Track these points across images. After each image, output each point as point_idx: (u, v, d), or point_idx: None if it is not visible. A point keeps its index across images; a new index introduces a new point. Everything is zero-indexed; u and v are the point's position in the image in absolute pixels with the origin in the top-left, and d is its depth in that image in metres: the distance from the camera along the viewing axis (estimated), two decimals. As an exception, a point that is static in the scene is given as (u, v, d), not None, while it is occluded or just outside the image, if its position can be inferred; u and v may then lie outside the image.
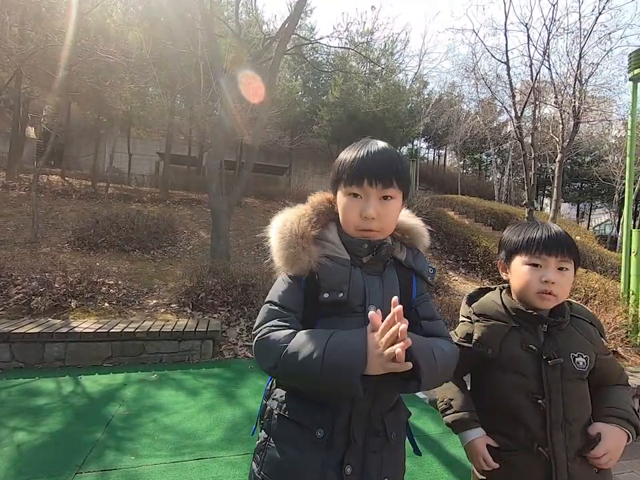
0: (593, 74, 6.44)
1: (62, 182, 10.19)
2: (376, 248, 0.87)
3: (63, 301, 4.05)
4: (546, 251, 0.97)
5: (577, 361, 0.96)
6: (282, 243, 0.86)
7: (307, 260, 0.83)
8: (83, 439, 2.20)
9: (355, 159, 0.85)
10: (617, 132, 16.11)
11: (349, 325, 0.82)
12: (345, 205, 0.87)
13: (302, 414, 0.83)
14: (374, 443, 0.83)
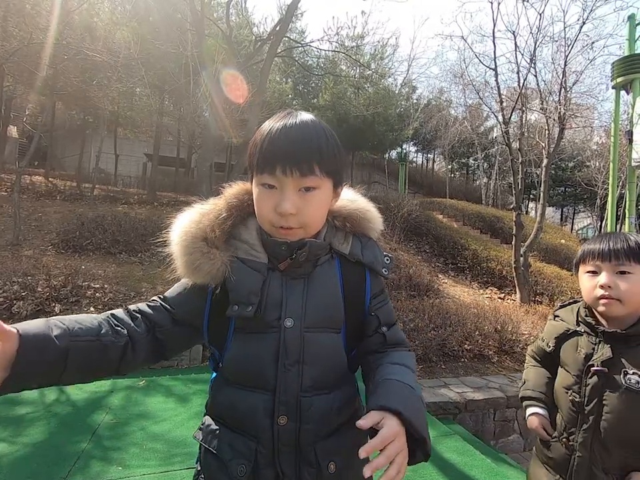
0: (576, 82, 6.61)
1: (46, 183, 9.92)
2: (295, 250, 0.70)
3: (46, 305, 3.92)
4: (600, 257, 1.01)
5: (629, 377, 0.95)
6: (180, 247, 0.73)
7: (209, 266, 0.70)
8: (67, 449, 2.12)
9: (265, 138, 0.67)
10: (598, 138, 16.60)
11: (262, 342, 0.71)
12: (257, 198, 0.71)
13: (225, 447, 0.71)
14: (306, 475, 0.70)
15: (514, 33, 6.31)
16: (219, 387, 0.77)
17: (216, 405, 0.76)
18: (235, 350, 0.73)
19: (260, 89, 6.70)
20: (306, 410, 0.70)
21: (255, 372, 0.71)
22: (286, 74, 14.06)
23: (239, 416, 0.72)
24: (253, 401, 0.71)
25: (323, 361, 0.73)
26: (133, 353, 0.71)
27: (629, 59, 5.03)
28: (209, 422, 0.77)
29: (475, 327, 4.29)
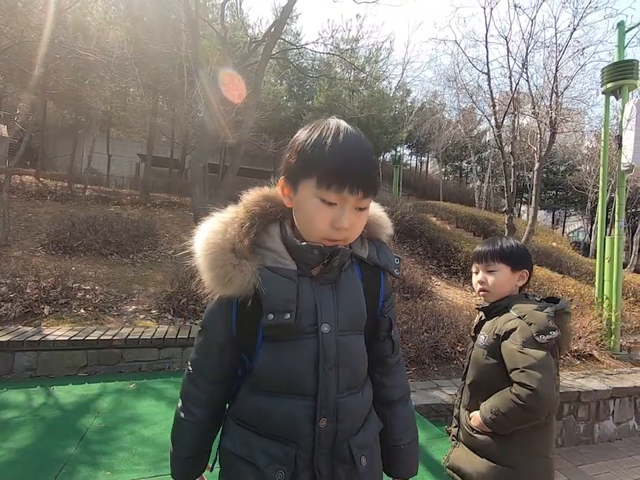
0: (567, 87, 6.71)
1: (36, 183, 9.78)
2: (328, 255, 0.72)
3: (35, 307, 3.86)
4: (477, 259, 1.41)
5: (479, 337, 1.42)
6: (208, 260, 0.71)
7: (241, 278, 0.69)
8: (54, 454, 2.08)
9: (335, 155, 0.66)
10: (589, 143, 16.84)
11: (299, 349, 0.72)
12: (313, 210, 0.69)
13: (259, 454, 0.72)
14: (340, 473, 0.74)
15: (506, 38, 6.40)
16: (248, 394, 0.77)
17: (246, 412, 0.77)
18: (267, 358, 0.73)
19: (254, 91, 6.69)
20: (342, 411, 0.74)
21: (293, 379, 0.72)
22: (281, 76, 14.07)
23: (274, 423, 0.72)
24: (291, 408, 0.72)
25: (354, 362, 0.77)
26: None
27: (618, 65, 5.12)
28: (235, 428, 0.78)
29: (468, 329, 4.30)
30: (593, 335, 4.91)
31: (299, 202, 0.71)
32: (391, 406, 0.86)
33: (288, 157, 0.73)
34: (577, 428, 3.64)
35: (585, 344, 4.74)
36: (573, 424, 3.62)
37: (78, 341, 3.29)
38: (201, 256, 0.73)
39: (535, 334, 1.18)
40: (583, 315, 5.37)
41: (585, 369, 4.37)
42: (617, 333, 5.08)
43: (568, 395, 3.58)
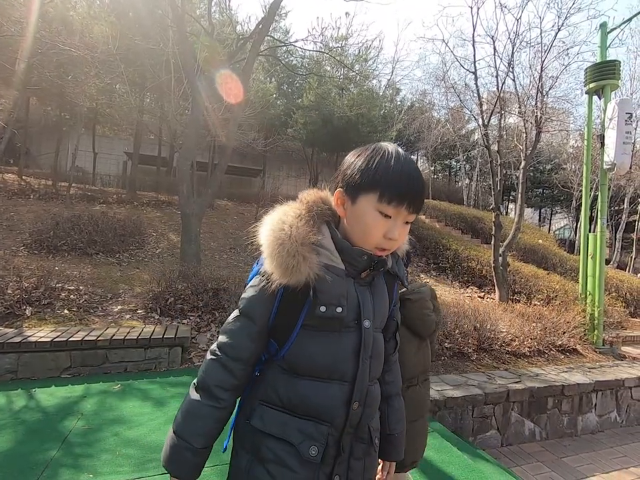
0: (552, 87, 6.81)
1: (19, 181, 9.55)
2: (375, 262, 0.82)
3: (16, 308, 3.77)
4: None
5: None
6: (281, 250, 0.77)
7: (307, 271, 0.76)
8: (35, 458, 2.03)
9: (400, 175, 0.76)
10: (574, 142, 17.16)
11: (343, 340, 0.81)
12: (371, 221, 0.78)
13: (294, 432, 0.79)
14: (358, 450, 0.85)
15: (493, 37, 6.46)
16: (280, 379, 0.82)
17: (279, 395, 0.81)
18: (303, 345, 0.80)
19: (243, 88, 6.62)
20: (370, 396, 0.85)
21: (336, 366, 0.80)
22: (270, 73, 13.97)
23: (311, 405, 0.79)
24: (331, 391, 0.80)
25: (379, 355, 0.88)
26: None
27: (600, 66, 5.22)
28: (263, 410, 0.82)
29: (455, 326, 4.35)
30: (577, 330, 5.01)
31: (357, 213, 0.79)
32: (389, 399, 0.98)
33: (348, 171, 0.81)
34: (560, 421, 3.72)
35: (569, 339, 4.85)
36: (557, 417, 3.70)
37: (61, 342, 3.22)
38: (274, 247, 0.78)
39: None
40: (567, 310, 5.48)
41: (569, 363, 4.47)
42: (599, 328, 5.20)
43: (552, 388, 3.65)
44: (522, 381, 3.70)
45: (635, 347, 5.51)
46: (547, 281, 7.29)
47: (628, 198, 15.42)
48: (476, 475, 2.17)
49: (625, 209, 15.51)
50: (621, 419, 4.05)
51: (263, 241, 0.81)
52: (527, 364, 4.27)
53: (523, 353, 4.43)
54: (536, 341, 4.58)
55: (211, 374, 0.83)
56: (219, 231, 7.99)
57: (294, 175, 16.52)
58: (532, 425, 3.58)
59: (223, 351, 0.83)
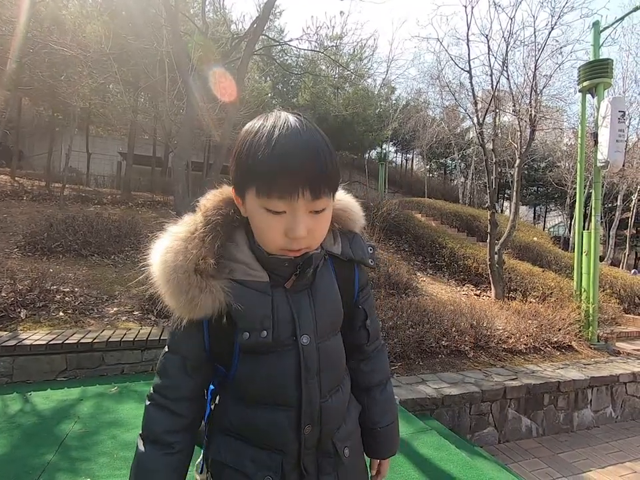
0: (546, 85, 6.85)
1: (12, 182, 9.46)
2: (300, 265, 0.68)
3: (10, 311, 3.73)
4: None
5: None
6: (171, 287, 0.66)
7: (209, 303, 0.65)
8: (31, 462, 2.01)
9: (270, 156, 0.58)
10: (567, 140, 17.31)
11: (279, 361, 0.70)
12: (260, 222, 0.64)
13: (247, 462, 0.71)
14: (326, 466, 0.75)
15: (487, 36, 6.49)
16: (229, 404, 0.74)
17: (232, 422, 0.73)
18: (246, 370, 0.71)
19: (237, 87, 6.60)
20: (326, 414, 0.73)
21: (275, 390, 0.71)
22: (265, 73, 13.95)
23: (260, 433, 0.71)
24: (276, 418, 0.71)
25: (334, 363, 0.77)
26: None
27: (593, 64, 5.26)
28: (221, 438, 0.74)
29: (452, 324, 4.38)
30: (572, 326, 5.05)
31: (249, 214, 0.66)
32: (370, 391, 0.87)
33: (230, 163, 0.67)
34: (556, 417, 3.75)
35: (565, 335, 4.88)
36: (553, 413, 3.73)
37: (56, 345, 3.19)
38: (163, 282, 0.67)
39: None
40: (562, 307, 5.52)
41: (565, 360, 4.51)
42: (594, 324, 5.25)
43: (548, 385, 3.68)
44: (518, 377, 3.73)
45: (629, 343, 5.57)
46: (542, 278, 7.34)
47: (621, 195, 15.58)
48: (474, 472, 2.18)
49: (618, 206, 15.68)
50: (616, 414, 4.09)
51: (154, 276, 0.68)
52: (523, 361, 4.30)
53: (519, 350, 4.46)
54: (532, 338, 4.61)
55: (156, 421, 0.72)
56: (215, 231, 7.96)
57: (290, 174, 16.46)
58: (528, 422, 3.61)
59: (161, 394, 0.73)
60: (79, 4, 7.98)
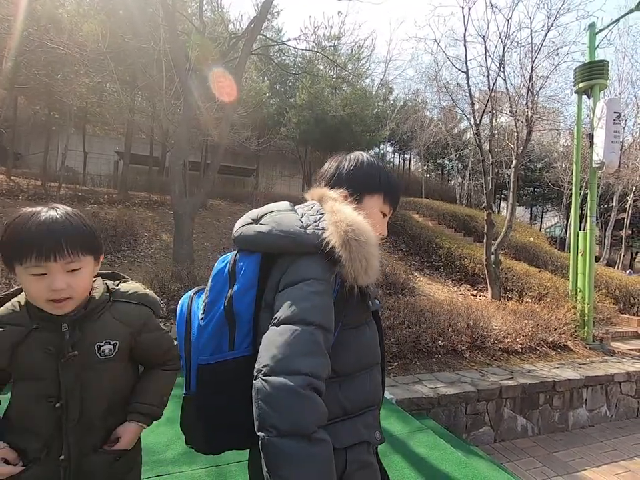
0: (543, 86, 6.88)
1: (7, 181, 9.40)
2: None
3: (6, 310, 3.70)
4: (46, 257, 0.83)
5: (103, 349, 0.92)
6: (361, 251, 0.74)
7: (376, 273, 0.82)
8: (26, 462, 2.00)
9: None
10: (564, 141, 17.38)
11: (373, 327, 0.89)
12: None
13: (362, 430, 0.82)
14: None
15: (484, 37, 6.50)
16: (334, 387, 0.81)
17: (341, 403, 0.81)
18: (352, 344, 0.83)
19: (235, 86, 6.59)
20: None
21: (373, 353, 0.89)
22: (262, 72, 13.93)
23: (371, 395, 0.86)
24: (377, 376, 0.90)
25: None
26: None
27: (589, 66, 5.30)
28: (334, 429, 0.76)
29: (449, 324, 4.39)
30: (568, 326, 5.08)
31: (366, 211, 0.83)
32: None
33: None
34: (552, 416, 3.77)
35: (560, 335, 4.91)
36: (548, 412, 3.75)
37: (52, 345, 3.17)
38: (359, 244, 0.74)
39: None
40: (558, 307, 5.55)
41: (560, 359, 4.53)
42: (589, 324, 5.28)
43: (543, 384, 3.70)
44: (514, 377, 3.75)
45: (624, 343, 5.61)
46: (538, 278, 7.38)
47: (617, 196, 15.67)
48: (469, 472, 2.19)
49: (613, 207, 15.77)
50: (610, 413, 4.12)
51: (339, 241, 0.73)
52: (519, 360, 4.32)
53: (515, 350, 4.48)
54: (528, 338, 4.63)
55: (309, 412, 0.64)
56: (212, 231, 7.95)
57: (287, 174, 16.49)
58: (524, 421, 3.63)
59: (316, 375, 0.66)
60: (76, 2, 7.95)
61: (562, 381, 3.78)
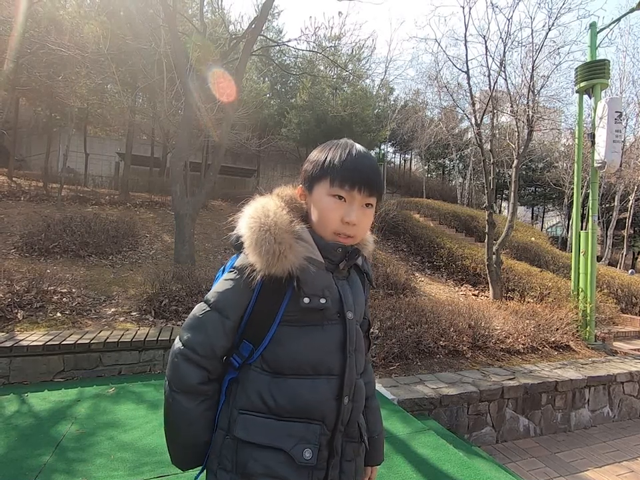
0: (544, 86, 6.87)
1: (9, 183, 9.42)
2: (349, 253, 0.82)
3: (7, 312, 3.71)
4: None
5: None
6: (268, 236, 0.75)
7: (293, 259, 0.75)
8: (27, 463, 2.00)
9: (346, 160, 0.78)
10: (565, 140, 17.35)
11: (327, 333, 0.79)
12: (326, 206, 0.79)
13: (284, 438, 0.74)
14: (349, 451, 0.82)
15: (485, 37, 6.50)
16: (262, 381, 0.77)
17: (264, 399, 0.76)
18: (288, 343, 0.77)
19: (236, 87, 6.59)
20: (358, 391, 0.83)
21: (321, 360, 0.78)
22: (263, 73, 13.95)
23: (302, 404, 0.76)
24: (319, 387, 0.77)
25: (362, 349, 0.88)
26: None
27: (590, 65, 5.28)
28: (245, 419, 0.76)
29: (450, 324, 4.38)
30: (570, 326, 5.07)
31: (314, 201, 0.81)
32: (367, 401, 0.93)
33: (306, 167, 0.85)
34: (554, 417, 3.76)
35: (562, 335, 4.90)
36: (550, 413, 3.74)
37: (53, 346, 3.18)
38: (257, 230, 0.77)
39: None
40: (560, 307, 5.54)
41: (562, 360, 4.52)
42: (591, 324, 5.26)
43: (546, 385, 3.69)
44: (516, 377, 3.74)
45: (626, 343, 5.58)
46: (539, 278, 7.36)
47: (618, 195, 15.63)
48: (471, 472, 2.18)
49: (615, 207, 15.72)
50: (613, 413, 4.10)
51: (244, 230, 0.79)
52: (520, 361, 4.31)
53: (516, 350, 4.47)
54: (529, 338, 4.62)
55: (189, 375, 0.77)
56: (213, 231, 7.95)
57: (288, 174, 16.49)
58: (526, 421, 3.62)
59: (194, 350, 0.77)
60: (77, 4, 7.95)
61: (564, 381, 3.77)
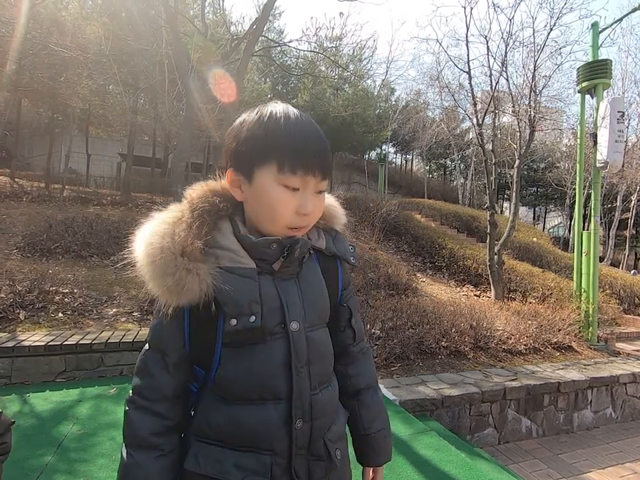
0: (546, 86, 6.86)
1: (11, 183, 9.45)
2: (287, 247, 0.69)
3: (9, 312, 3.72)
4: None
5: None
6: (154, 269, 0.65)
7: (197, 286, 0.63)
8: (29, 464, 2.01)
9: (291, 134, 0.64)
10: (567, 140, 17.32)
11: (268, 351, 0.68)
12: (276, 198, 0.65)
13: (231, 469, 0.66)
14: (317, 470, 0.72)
15: (486, 37, 6.49)
16: (210, 407, 0.70)
17: (212, 426, 0.69)
18: (230, 365, 0.68)
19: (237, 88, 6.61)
20: (316, 408, 0.71)
21: (264, 383, 0.68)
22: (264, 74, 13.97)
23: (247, 434, 0.67)
24: (265, 413, 0.68)
25: (323, 355, 0.76)
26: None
27: (592, 65, 5.27)
28: (198, 447, 0.70)
29: (452, 324, 4.37)
30: (572, 327, 5.05)
31: (258, 192, 0.67)
32: (358, 395, 0.85)
33: (234, 145, 0.68)
34: (557, 418, 3.74)
35: (564, 336, 4.88)
36: (553, 414, 3.72)
37: (55, 346, 3.18)
38: (147, 263, 0.65)
39: None
40: (562, 308, 5.52)
41: (564, 360, 4.50)
42: (594, 325, 5.24)
43: (548, 385, 3.67)
44: (518, 378, 3.72)
45: (629, 343, 5.56)
46: (541, 278, 7.34)
47: (620, 196, 15.59)
48: (474, 473, 2.17)
49: (617, 207, 15.68)
50: (616, 414, 4.08)
51: (139, 259, 0.67)
52: (522, 361, 4.29)
53: (518, 351, 4.46)
54: (531, 339, 4.61)
55: (139, 425, 0.69)
56: (214, 232, 7.95)
57: (289, 175, 16.48)
58: (528, 422, 3.60)
59: (142, 395, 0.70)
60: (79, 5, 7.99)
61: (566, 382, 3.75)
